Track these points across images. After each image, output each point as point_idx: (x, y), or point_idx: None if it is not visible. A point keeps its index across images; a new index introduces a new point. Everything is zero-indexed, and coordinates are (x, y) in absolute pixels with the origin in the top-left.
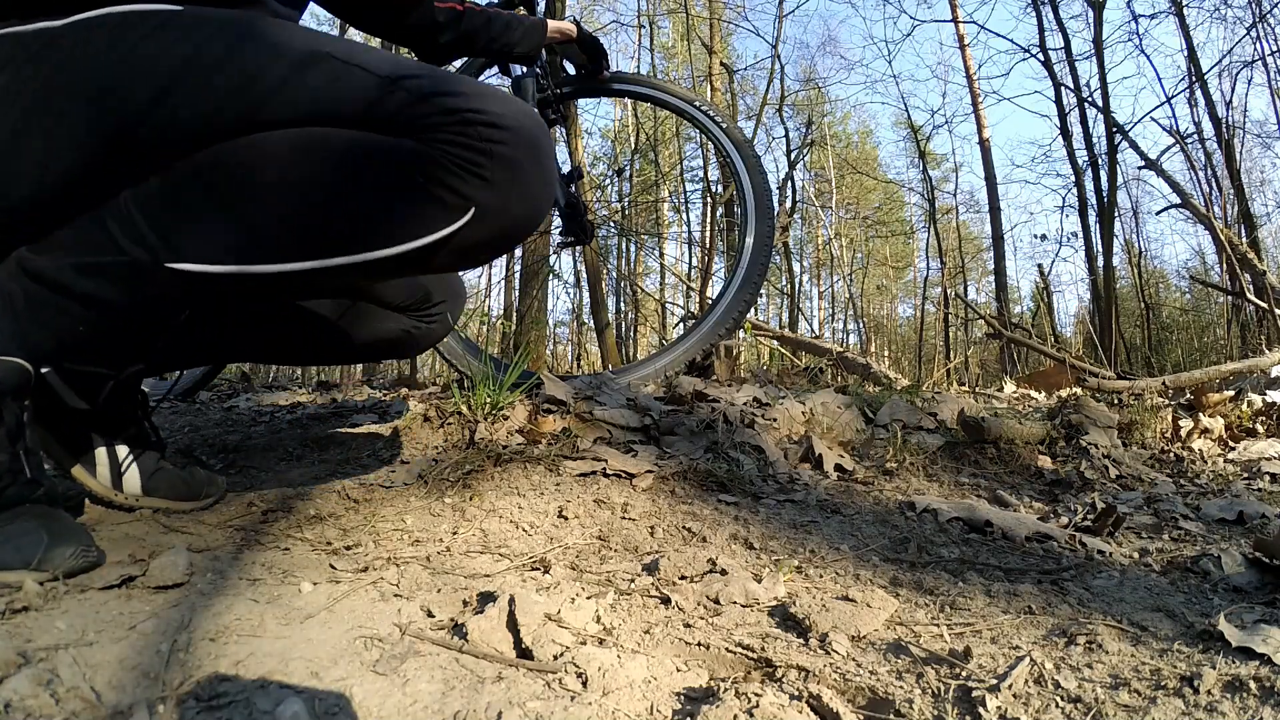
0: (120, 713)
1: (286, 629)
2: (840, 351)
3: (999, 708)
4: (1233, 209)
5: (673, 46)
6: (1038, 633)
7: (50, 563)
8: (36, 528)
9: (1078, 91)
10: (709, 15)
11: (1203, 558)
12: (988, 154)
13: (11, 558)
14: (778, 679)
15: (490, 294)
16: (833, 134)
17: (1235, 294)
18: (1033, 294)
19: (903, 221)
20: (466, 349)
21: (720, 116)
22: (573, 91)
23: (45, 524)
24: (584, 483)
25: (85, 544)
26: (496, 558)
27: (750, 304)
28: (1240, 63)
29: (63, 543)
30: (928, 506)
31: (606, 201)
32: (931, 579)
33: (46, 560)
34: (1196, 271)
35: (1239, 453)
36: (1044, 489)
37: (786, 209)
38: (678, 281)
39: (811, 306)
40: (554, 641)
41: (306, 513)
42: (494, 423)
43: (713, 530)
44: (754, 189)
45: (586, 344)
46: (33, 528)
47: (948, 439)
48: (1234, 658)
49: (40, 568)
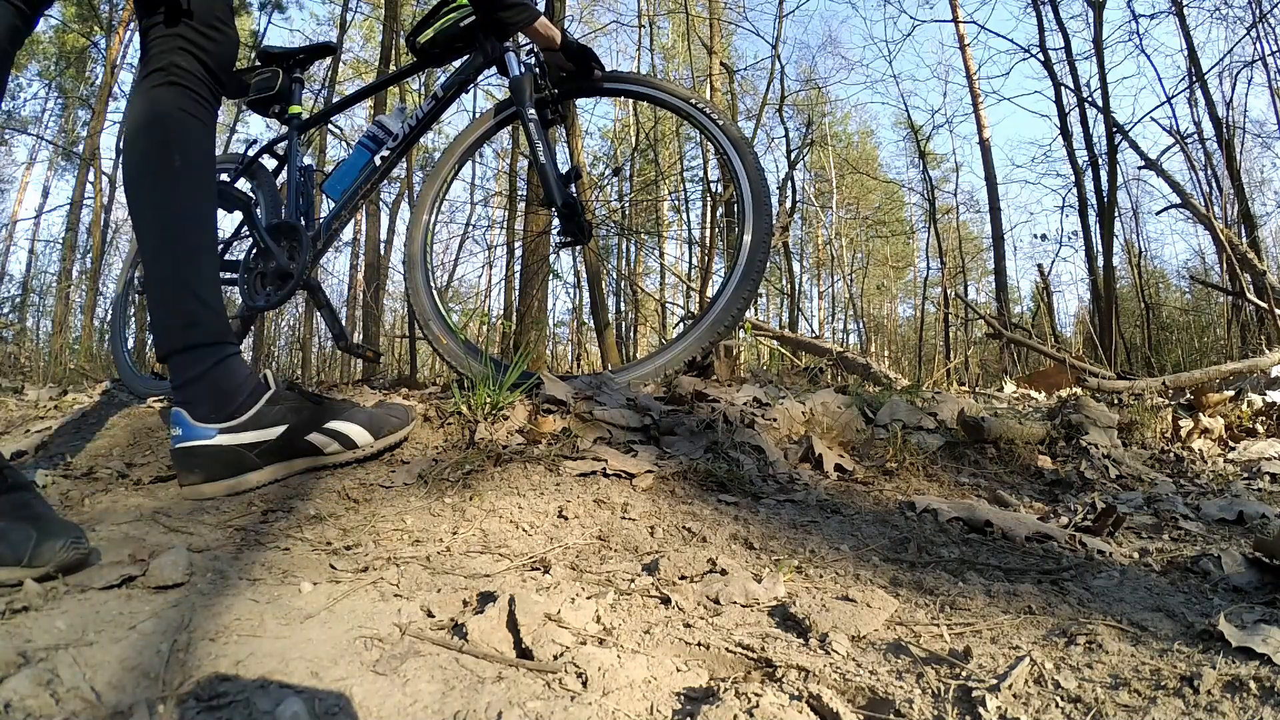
0: (120, 713)
1: (286, 629)
2: (840, 351)
3: (999, 708)
4: (1233, 209)
5: (673, 46)
6: (1038, 633)
7: (41, 557)
8: (22, 523)
9: (1078, 91)
10: (709, 15)
11: (1203, 558)
12: (988, 154)
13: (2, 554)
14: (778, 679)
15: (490, 294)
16: (833, 134)
17: (1235, 294)
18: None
19: (903, 221)
20: (466, 350)
21: (718, 115)
22: (571, 91)
23: (31, 519)
24: (584, 483)
25: (75, 536)
26: (496, 558)
27: (749, 302)
28: (1240, 63)
29: (52, 536)
30: (928, 506)
31: (606, 201)
32: (931, 579)
33: (38, 555)
34: (1196, 271)
35: (1239, 453)
36: (1044, 489)
37: (786, 209)
38: (678, 281)
39: (811, 306)
40: (554, 641)
41: (306, 513)
42: (494, 423)
43: (713, 530)
44: (752, 187)
45: (586, 344)
46: (18, 523)
47: (948, 439)
48: (1234, 658)
49: (32, 563)
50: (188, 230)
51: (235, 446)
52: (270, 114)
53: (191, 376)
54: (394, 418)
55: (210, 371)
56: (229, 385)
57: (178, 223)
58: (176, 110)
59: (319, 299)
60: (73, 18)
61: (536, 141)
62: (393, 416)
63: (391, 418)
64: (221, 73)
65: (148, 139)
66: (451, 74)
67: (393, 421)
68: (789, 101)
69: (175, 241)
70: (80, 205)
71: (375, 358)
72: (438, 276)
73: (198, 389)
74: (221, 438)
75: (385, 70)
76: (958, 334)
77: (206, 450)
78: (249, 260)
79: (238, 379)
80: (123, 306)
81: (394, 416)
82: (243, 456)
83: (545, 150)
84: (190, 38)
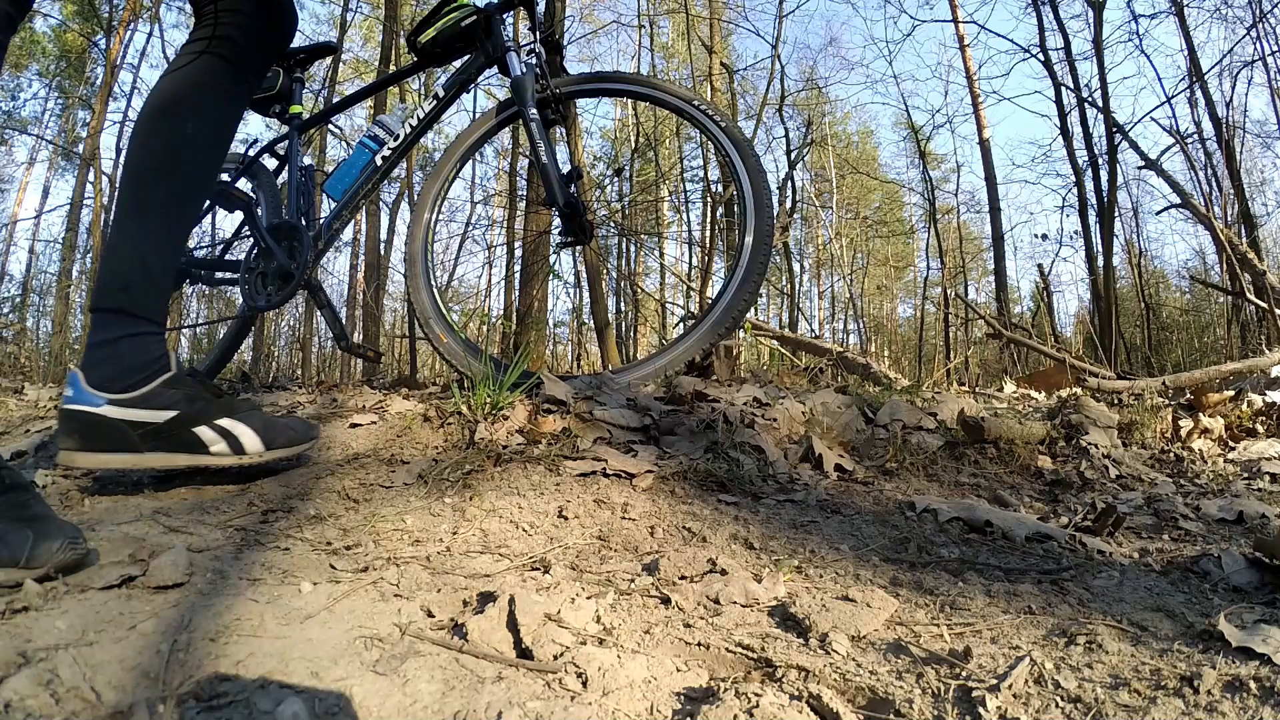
0: (120, 713)
1: (286, 629)
2: (840, 351)
3: (999, 708)
4: (1233, 209)
5: (672, 46)
6: (1038, 633)
7: (39, 559)
8: (19, 524)
9: (1078, 91)
10: (709, 15)
11: (1203, 558)
12: (988, 154)
13: (1, 555)
14: (778, 679)
15: (490, 294)
16: (833, 134)
17: (1235, 294)
18: (1033, 294)
19: (903, 221)
20: (467, 349)
21: (719, 115)
22: (572, 92)
23: (29, 520)
24: (584, 483)
25: (72, 536)
26: (496, 558)
27: (750, 303)
28: (1240, 63)
29: (49, 537)
30: (928, 506)
31: (606, 201)
32: (931, 579)
33: (35, 556)
34: (1196, 271)
35: (1239, 453)
36: (1044, 489)
37: (786, 209)
38: (678, 281)
39: (811, 306)
40: (554, 641)
41: (306, 513)
42: (494, 423)
43: (713, 530)
44: (753, 188)
45: (586, 344)
46: (16, 524)
47: (948, 439)
48: (1234, 658)
49: (30, 564)
50: (169, 204)
51: (119, 421)
52: (271, 114)
53: (103, 339)
54: (293, 430)
55: (122, 340)
56: (134, 360)
57: (163, 192)
58: (210, 83)
59: (320, 299)
60: (72, 17)
61: (538, 141)
62: (292, 429)
63: (290, 429)
64: (266, 51)
65: (173, 102)
66: (452, 74)
67: (290, 434)
68: (789, 101)
69: (152, 209)
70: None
71: (376, 358)
72: (438, 275)
73: (103, 353)
74: (108, 409)
75: (385, 70)
76: (958, 334)
77: (89, 417)
78: (250, 260)
79: (146, 357)
80: None
81: (293, 429)
82: (125, 434)
83: (547, 150)
84: (239, 7)
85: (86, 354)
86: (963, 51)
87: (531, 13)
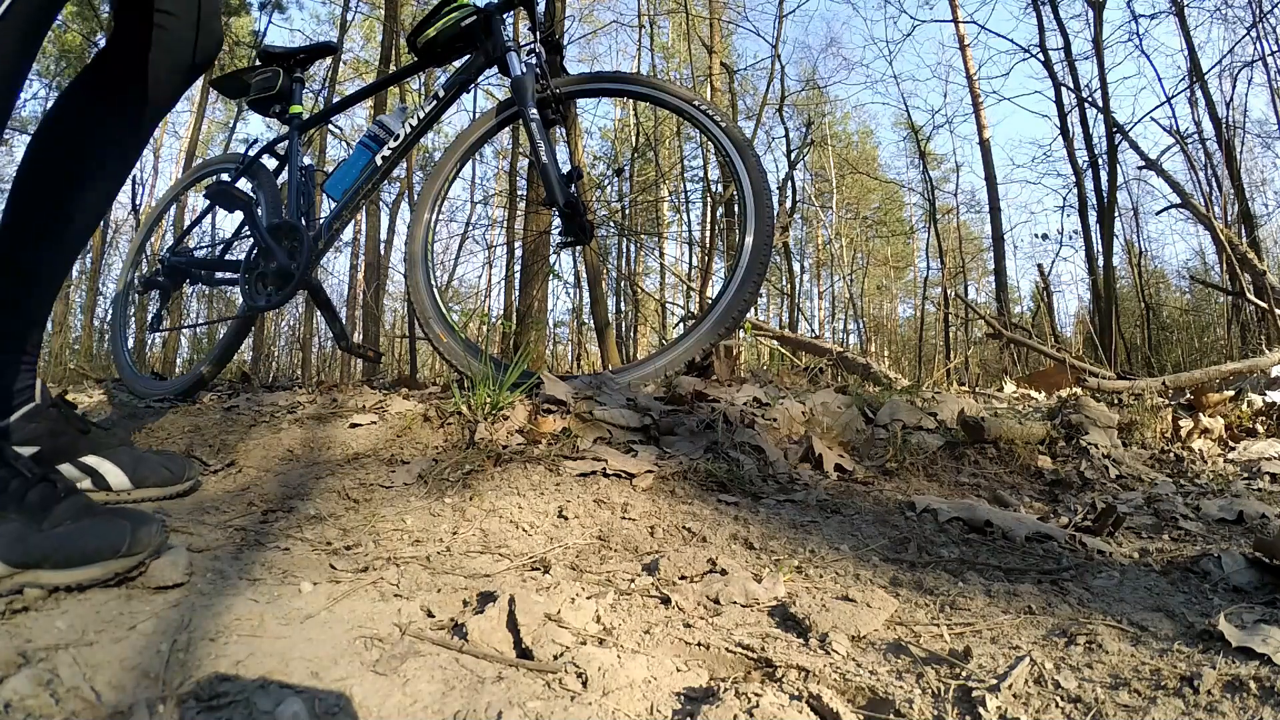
0: (120, 713)
1: (286, 629)
2: (840, 351)
3: (999, 708)
4: (1233, 209)
5: (672, 46)
6: (1038, 633)
7: (140, 544)
8: (109, 517)
9: (1078, 91)
10: (709, 15)
11: (1203, 558)
12: (988, 154)
13: (103, 547)
14: (778, 679)
15: (490, 294)
16: (833, 134)
17: (1235, 294)
18: (1033, 294)
19: (902, 221)
20: (467, 348)
21: (719, 116)
22: (572, 92)
23: (114, 513)
24: (584, 483)
25: (160, 521)
26: (496, 558)
27: (750, 303)
28: (1240, 63)
29: (143, 523)
30: (928, 506)
31: (606, 201)
32: (931, 579)
33: (136, 542)
34: (1196, 271)
35: (1239, 453)
36: (1044, 489)
37: (786, 209)
38: (678, 281)
39: (811, 306)
40: (554, 641)
41: (306, 513)
42: (494, 423)
43: (713, 530)
44: (753, 188)
45: (586, 344)
46: (106, 518)
47: (948, 439)
48: (1234, 658)
49: (133, 551)
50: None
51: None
52: (270, 114)
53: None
54: (166, 469)
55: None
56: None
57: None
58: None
59: (320, 299)
60: (72, 17)
61: (539, 141)
62: (165, 468)
63: (163, 469)
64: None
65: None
66: (452, 74)
67: (162, 473)
68: (789, 101)
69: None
70: None
71: (376, 358)
72: (438, 275)
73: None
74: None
75: (385, 70)
76: (958, 334)
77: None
78: (250, 260)
79: (5, 386)
80: (123, 306)
81: (166, 468)
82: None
83: (547, 150)
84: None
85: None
86: (963, 51)
87: (531, 13)
